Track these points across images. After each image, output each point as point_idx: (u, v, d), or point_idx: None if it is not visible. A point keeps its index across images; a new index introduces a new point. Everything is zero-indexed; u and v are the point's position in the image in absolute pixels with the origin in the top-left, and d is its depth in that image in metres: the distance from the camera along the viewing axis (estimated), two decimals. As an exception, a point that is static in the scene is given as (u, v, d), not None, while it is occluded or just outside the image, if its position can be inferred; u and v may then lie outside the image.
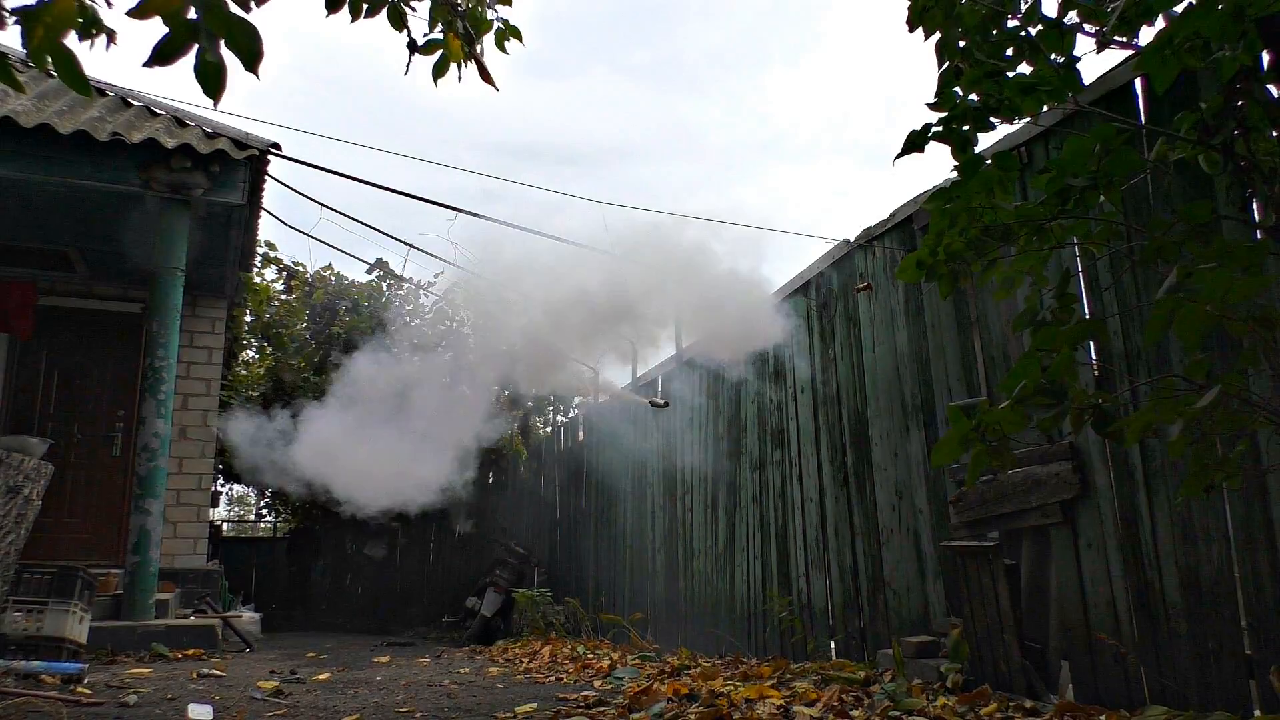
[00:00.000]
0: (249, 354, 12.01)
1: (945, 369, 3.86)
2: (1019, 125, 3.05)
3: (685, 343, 7.03)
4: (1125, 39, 1.96)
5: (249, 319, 11.18)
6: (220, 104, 1.56)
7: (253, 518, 18.49)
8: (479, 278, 7.93)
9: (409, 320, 11.41)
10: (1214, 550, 2.62)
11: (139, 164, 6.01)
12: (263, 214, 7.39)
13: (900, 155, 1.93)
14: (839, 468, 4.67)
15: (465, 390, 9.14)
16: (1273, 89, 1.81)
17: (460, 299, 10.69)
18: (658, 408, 6.68)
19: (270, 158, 6.52)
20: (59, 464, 5.38)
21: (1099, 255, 2.79)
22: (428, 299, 11.81)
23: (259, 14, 1.62)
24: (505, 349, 7.50)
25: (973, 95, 1.87)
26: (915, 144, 1.91)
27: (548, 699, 3.66)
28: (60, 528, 7.41)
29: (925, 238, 2.04)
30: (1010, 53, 2.07)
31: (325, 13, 2.49)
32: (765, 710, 3.03)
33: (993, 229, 1.96)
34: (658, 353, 7.63)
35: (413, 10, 2.88)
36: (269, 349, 11.81)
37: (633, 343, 8.02)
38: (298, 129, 28.53)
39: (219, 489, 11.22)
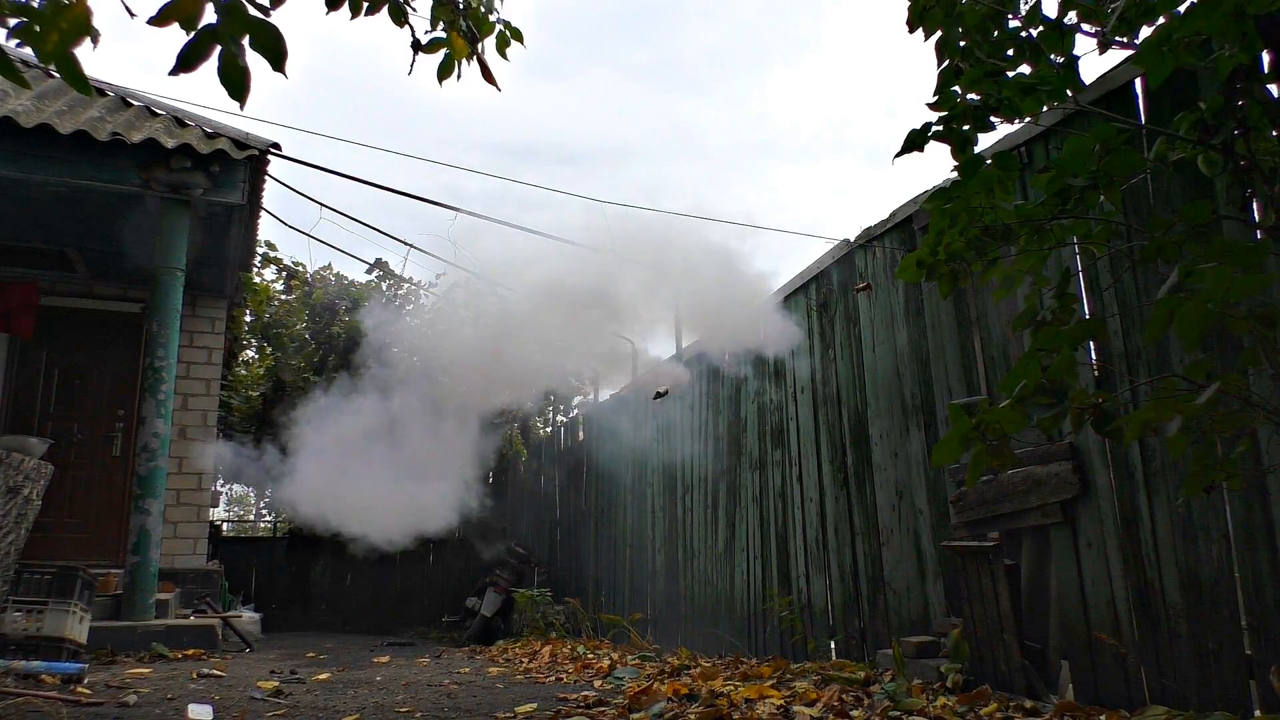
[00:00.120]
0: (249, 354, 12.02)
1: (945, 369, 3.85)
2: (1019, 125, 3.05)
3: (685, 342, 7.03)
4: (1125, 39, 1.96)
5: (249, 319, 11.18)
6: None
7: (252, 518, 18.50)
8: (480, 278, 7.90)
9: (409, 319, 11.39)
10: (1214, 550, 2.62)
11: (139, 164, 6.01)
12: (263, 214, 7.40)
13: (900, 154, 1.93)
14: (839, 468, 4.67)
15: (463, 408, 8.99)
16: (1273, 89, 1.81)
17: (460, 299, 10.68)
18: (660, 396, 6.62)
19: (270, 158, 6.52)
20: (59, 464, 5.38)
21: (1099, 255, 2.79)
22: (428, 299, 11.82)
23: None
24: (499, 351, 7.44)
25: (973, 94, 1.87)
26: (915, 143, 1.91)
27: (548, 699, 3.66)
28: (60, 528, 7.41)
29: (925, 237, 2.04)
30: (1010, 53, 2.07)
31: (325, 10, 2.49)
32: (765, 710, 3.03)
33: (993, 229, 1.96)
34: (658, 352, 7.64)
35: (413, 10, 2.88)
36: (269, 349, 11.82)
37: (632, 342, 8.03)
38: (298, 128, 28.55)
39: (219, 489, 11.21)
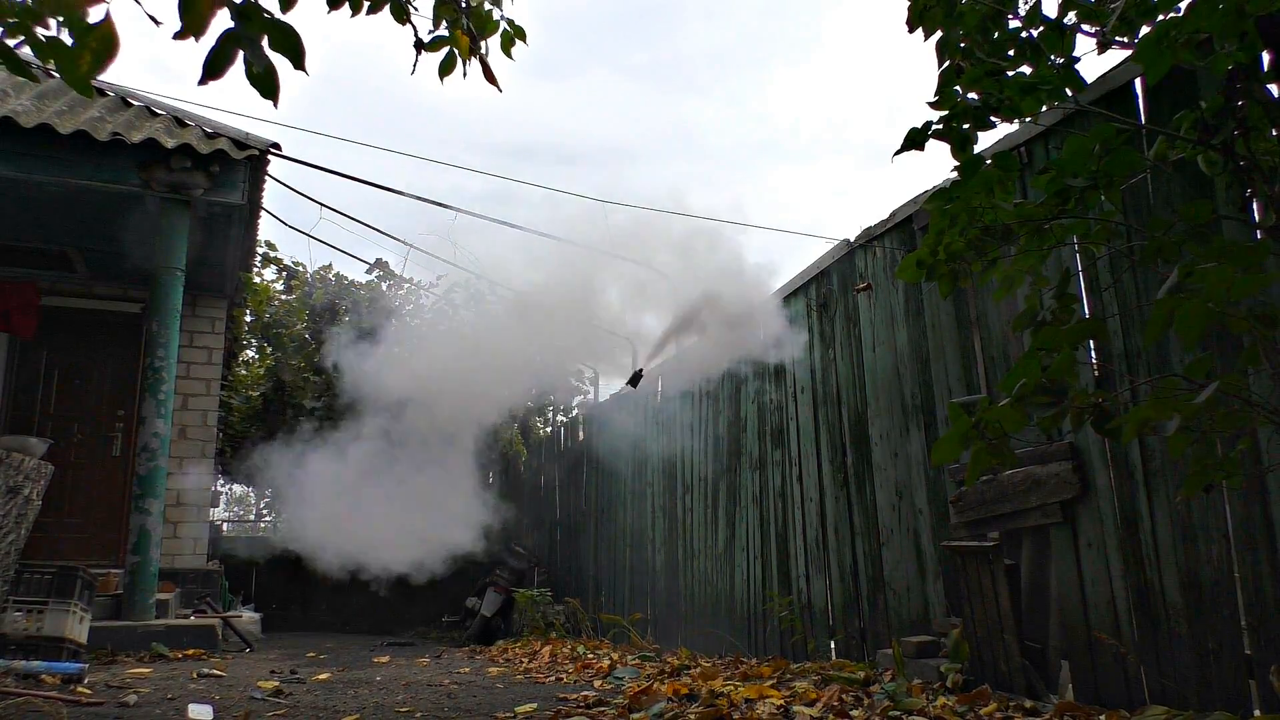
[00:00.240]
0: (249, 354, 12.01)
1: (945, 369, 3.85)
2: (1019, 125, 3.05)
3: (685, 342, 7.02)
4: (1125, 39, 1.96)
5: (249, 319, 11.18)
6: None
7: (252, 518, 18.50)
8: (480, 278, 7.89)
9: (410, 319, 11.38)
10: (1214, 550, 2.62)
11: (139, 164, 6.01)
12: (263, 214, 7.40)
13: (900, 151, 1.93)
14: (839, 468, 4.67)
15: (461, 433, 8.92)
16: (1273, 88, 1.81)
17: (460, 299, 10.67)
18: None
19: (270, 158, 6.52)
20: (59, 464, 5.38)
21: (1099, 255, 2.79)
22: (427, 299, 11.80)
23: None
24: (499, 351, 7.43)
25: (973, 94, 1.87)
26: (915, 141, 1.91)
27: (548, 699, 3.66)
28: (60, 528, 7.41)
29: (925, 237, 2.04)
30: (1011, 53, 2.07)
31: (326, 9, 2.49)
32: (765, 710, 3.03)
33: (993, 229, 1.96)
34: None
35: (414, 9, 2.88)
36: (269, 349, 11.82)
37: (632, 341, 8.02)
38: (298, 128, 28.55)
39: (219, 489, 11.21)
